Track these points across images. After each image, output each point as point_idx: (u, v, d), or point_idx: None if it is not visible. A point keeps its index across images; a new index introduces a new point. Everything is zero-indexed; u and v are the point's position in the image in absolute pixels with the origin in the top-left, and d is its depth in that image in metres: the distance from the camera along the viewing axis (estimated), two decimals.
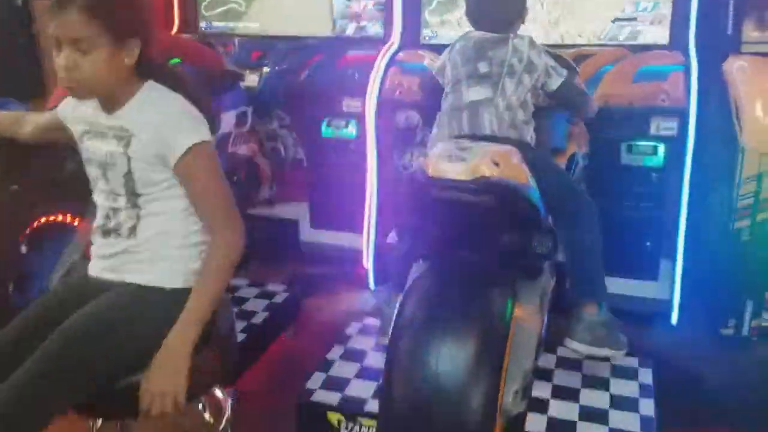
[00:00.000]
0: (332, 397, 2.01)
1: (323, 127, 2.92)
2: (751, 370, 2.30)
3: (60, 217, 2.11)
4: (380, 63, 2.75)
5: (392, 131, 2.74)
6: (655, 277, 2.54)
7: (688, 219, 2.39)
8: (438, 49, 2.44)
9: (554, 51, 2.20)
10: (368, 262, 2.88)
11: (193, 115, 1.49)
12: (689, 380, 2.25)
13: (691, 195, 2.37)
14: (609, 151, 2.41)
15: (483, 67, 2.00)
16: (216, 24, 3.30)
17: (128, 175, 1.48)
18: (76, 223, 2.11)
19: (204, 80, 2.38)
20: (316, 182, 3.03)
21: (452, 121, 1.99)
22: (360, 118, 2.85)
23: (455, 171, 1.59)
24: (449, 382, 1.45)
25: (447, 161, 1.62)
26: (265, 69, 2.94)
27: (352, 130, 2.90)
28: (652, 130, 2.38)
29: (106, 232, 1.53)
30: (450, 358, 1.47)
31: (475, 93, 1.97)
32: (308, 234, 3.09)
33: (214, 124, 1.58)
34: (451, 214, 1.70)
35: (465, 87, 2.00)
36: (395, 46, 2.86)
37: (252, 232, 1.59)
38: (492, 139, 1.87)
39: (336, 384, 2.07)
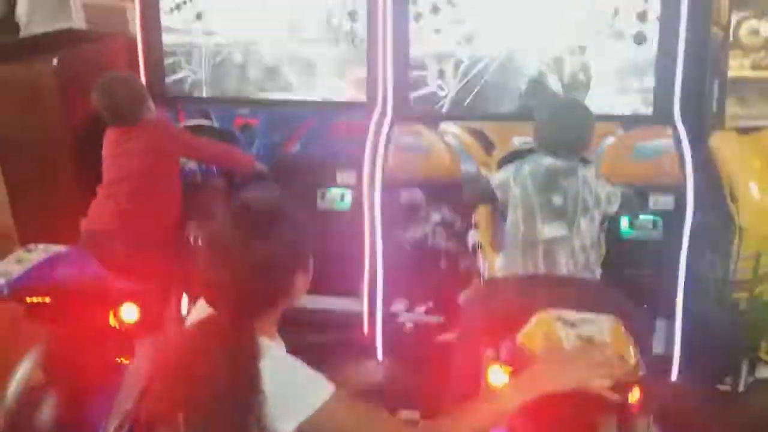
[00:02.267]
0: None
1: (318, 200, 2.90)
2: (748, 423, 2.51)
3: None
4: (378, 140, 2.75)
5: (393, 206, 2.75)
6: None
7: (685, 285, 2.56)
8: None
9: None
10: (375, 333, 2.89)
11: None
12: None
13: (688, 264, 2.54)
14: (611, 226, 2.53)
15: (557, 200, 2.05)
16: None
17: None
18: None
19: None
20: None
21: (527, 258, 2.03)
22: (354, 189, 2.86)
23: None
24: None
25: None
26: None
27: (347, 201, 2.90)
28: (651, 205, 2.53)
29: None
30: None
31: (551, 230, 2.02)
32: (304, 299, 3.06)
33: None
34: None
35: (540, 221, 2.04)
36: (388, 118, 2.85)
37: None
38: (568, 282, 1.95)
39: None
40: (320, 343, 3.01)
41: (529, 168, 2.13)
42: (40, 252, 2.07)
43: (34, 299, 1.99)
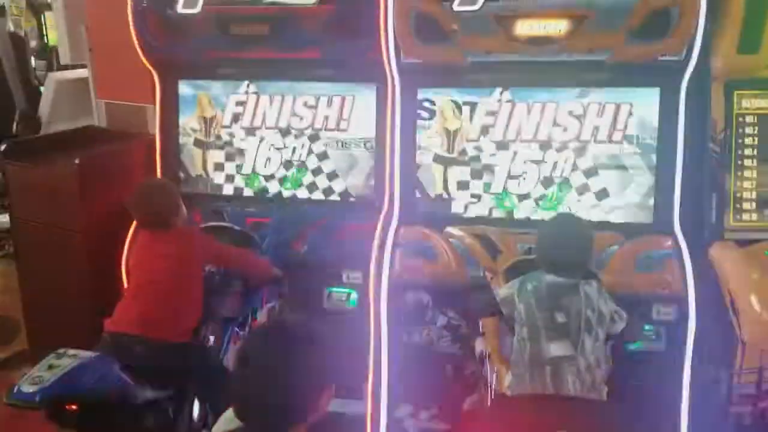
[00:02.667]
0: None
1: (325, 299, 2.94)
2: None
3: None
4: (385, 242, 2.82)
5: (399, 308, 2.79)
6: None
7: (689, 397, 2.55)
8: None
9: None
10: None
11: None
12: None
13: (691, 376, 2.54)
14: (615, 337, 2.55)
15: (560, 318, 2.11)
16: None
17: None
18: None
19: None
20: None
21: (535, 377, 2.07)
22: (360, 289, 2.91)
23: None
24: None
25: None
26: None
27: (353, 299, 2.94)
28: (654, 316, 2.57)
29: None
30: None
31: (557, 349, 2.07)
32: None
33: None
34: None
35: (545, 339, 2.10)
36: (394, 221, 2.93)
37: None
38: (577, 404, 2.01)
39: None
40: None
41: (531, 285, 2.20)
42: (69, 358, 2.19)
43: (64, 407, 2.10)
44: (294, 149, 3.15)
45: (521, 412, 1.98)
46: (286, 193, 3.18)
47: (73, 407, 2.09)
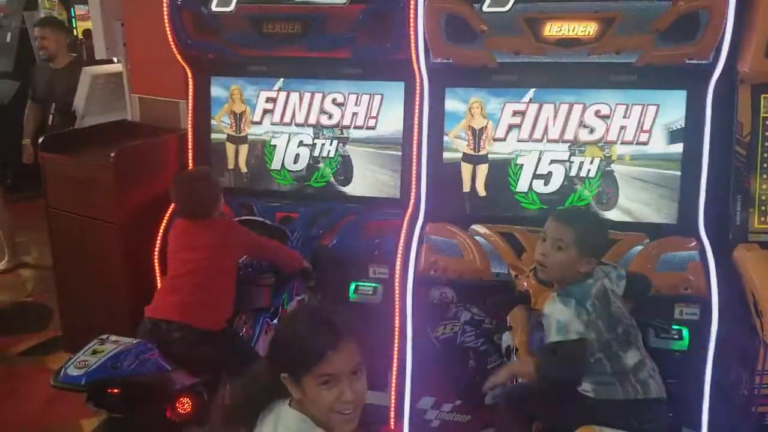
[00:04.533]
0: None
1: (350, 293, 3.00)
2: None
3: None
4: (412, 239, 2.87)
5: (423, 303, 2.84)
6: None
7: (711, 396, 2.59)
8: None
9: None
10: (401, 429, 2.93)
11: None
12: None
13: (714, 375, 2.58)
14: None
15: (620, 329, 2.19)
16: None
17: None
18: None
19: None
20: None
21: (625, 385, 2.15)
22: (386, 284, 2.97)
23: None
24: None
25: None
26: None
27: (378, 294, 3.00)
28: (676, 315, 2.60)
29: None
30: None
31: (632, 357, 2.17)
32: None
33: None
34: None
35: (619, 350, 2.16)
36: (421, 218, 2.99)
37: None
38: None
39: None
40: None
41: (588, 303, 2.21)
42: (111, 344, 2.31)
43: (106, 391, 2.20)
44: (323, 146, 3.22)
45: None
46: (315, 189, 3.25)
47: (115, 391, 2.18)
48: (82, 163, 3.29)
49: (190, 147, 3.35)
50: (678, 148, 2.78)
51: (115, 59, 3.97)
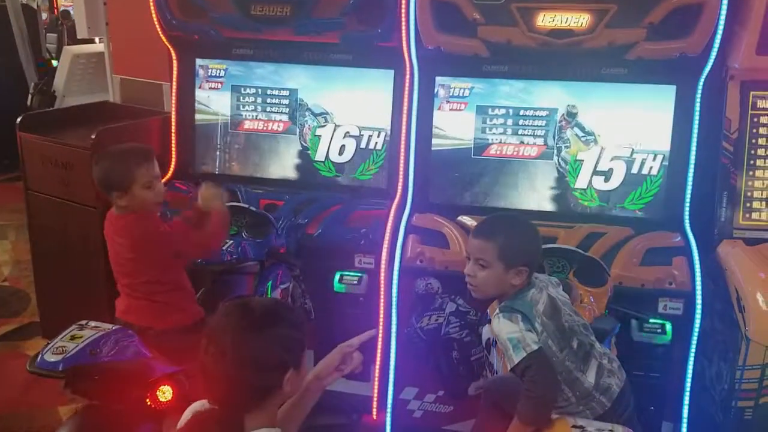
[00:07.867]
0: None
1: (335, 283, 2.97)
2: None
3: None
4: (399, 229, 2.85)
5: (408, 293, 2.82)
6: None
7: (692, 390, 2.61)
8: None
9: None
10: (384, 418, 2.92)
11: None
12: None
13: (695, 370, 2.60)
14: (623, 328, 2.59)
15: (574, 343, 2.08)
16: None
17: None
18: None
19: None
20: (323, 333, 3.06)
21: (591, 406, 2.09)
22: (371, 274, 2.95)
23: None
24: None
25: None
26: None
27: (363, 284, 2.97)
28: (660, 309, 2.61)
29: None
30: None
31: (591, 376, 2.09)
32: None
33: None
34: None
35: (578, 373, 2.07)
36: (408, 208, 2.96)
37: None
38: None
39: None
40: (328, 426, 3.04)
41: (537, 322, 2.08)
42: (90, 330, 2.25)
43: (84, 377, 2.15)
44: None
45: None
46: (301, 177, 3.21)
47: (94, 378, 2.13)
48: (62, 145, 3.22)
49: (173, 130, 3.29)
50: (666, 142, 2.79)
51: (96, 39, 3.88)
